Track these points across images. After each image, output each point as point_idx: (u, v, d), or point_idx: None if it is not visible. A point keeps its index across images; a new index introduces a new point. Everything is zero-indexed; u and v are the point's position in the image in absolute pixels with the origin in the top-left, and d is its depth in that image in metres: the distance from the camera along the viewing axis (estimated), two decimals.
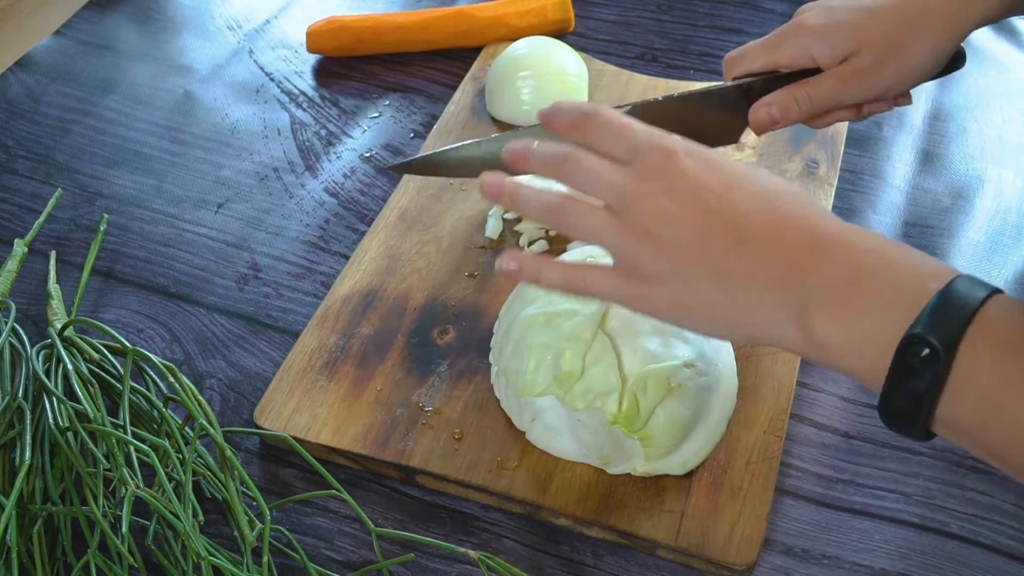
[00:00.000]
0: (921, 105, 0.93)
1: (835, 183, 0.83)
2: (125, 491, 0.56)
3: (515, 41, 0.93)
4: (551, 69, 0.89)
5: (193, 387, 0.64)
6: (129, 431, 0.60)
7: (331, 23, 0.99)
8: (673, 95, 0.68)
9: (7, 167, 0.89)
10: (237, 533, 0.59)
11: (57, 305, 0.72)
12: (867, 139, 0.90)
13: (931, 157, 0.89)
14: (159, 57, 1.01)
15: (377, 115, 0.94)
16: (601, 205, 0.52)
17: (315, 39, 0.99)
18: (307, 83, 0.98)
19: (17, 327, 0.69)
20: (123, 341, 0.66)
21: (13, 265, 0.75)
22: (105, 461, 0.59)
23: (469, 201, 0.82)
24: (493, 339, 0.71)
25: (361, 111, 0.95)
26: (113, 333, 0.66)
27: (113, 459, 0.58)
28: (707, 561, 0.61)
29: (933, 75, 0.68)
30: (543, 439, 0.65)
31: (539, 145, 0.54)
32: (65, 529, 0.60)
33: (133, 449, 0.60)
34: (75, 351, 0.67)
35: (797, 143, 0.87)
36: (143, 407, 0.65)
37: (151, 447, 0.59)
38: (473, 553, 0.57)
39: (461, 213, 0.81)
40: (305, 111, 0.95)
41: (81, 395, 0.62)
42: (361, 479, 0.67)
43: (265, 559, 0.57)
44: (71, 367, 0.64)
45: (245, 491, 0.62)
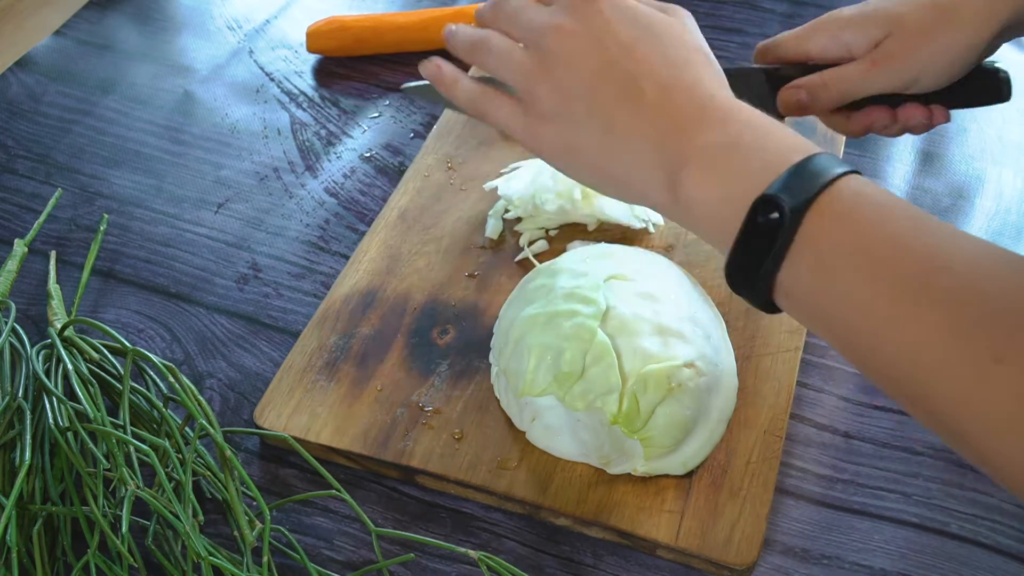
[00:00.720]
0: None
1: None
2: (125, 491, 0.56)
3: None
4: None
5: (193, 387, 0.64)
6: (129, 431, 0.60)
7: (331, 23, 0.99)
8: None
9: (7, 167, 0.89)
10: (237, 533, 0.59)
11: (57, 305, 0.72)
12: (867, 139, 0.89)
13: (931, 157, 0.89)
14: (159, 57, 1.01)
15: (377, 115, 0.94)
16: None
17: (315, 39, 0.99)
18: (307, 83, 0.98)
19: (17, 327, 0.69)
20: (123, 341, 0.66)
21: (13, 265, 0.75)
22: (105, 461, 0.59)
23: (469, 201, 0.82)
24: (493, 339, 0.71)
25: (361, 111, 0.95)
26: (113, 333, 0.66)
27: (113, 459, 0.58)
28: (707, 561, 0.61)
29: (964, 72, 0.66)
30: (543, 439, 0.65)
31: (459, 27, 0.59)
32: (65, 529, 0.60)
33: (133, 449, 0.60)
34: (75, 351, 0.67)
35: None
36: (143, 407, 0.65)
37: (151, 447, 0.59)
38: (473, 553, 0.57)
39: (461, 213, 0.81)
40: (305, 111, 0.95)
41: (81, 395, 0.62)
42: (361, 479, 0.67)
43: (265, 559, 0.57)
44: (71, 367, 0.64)
45: (245, 491, 0.62)
